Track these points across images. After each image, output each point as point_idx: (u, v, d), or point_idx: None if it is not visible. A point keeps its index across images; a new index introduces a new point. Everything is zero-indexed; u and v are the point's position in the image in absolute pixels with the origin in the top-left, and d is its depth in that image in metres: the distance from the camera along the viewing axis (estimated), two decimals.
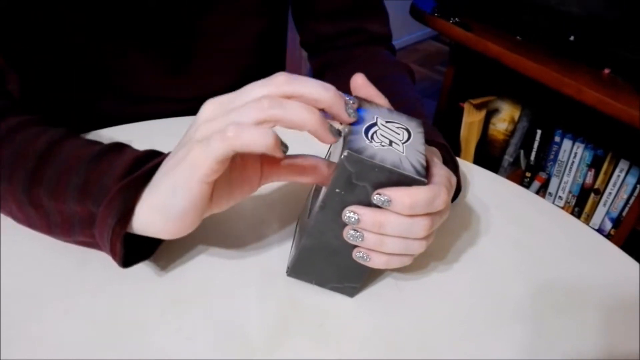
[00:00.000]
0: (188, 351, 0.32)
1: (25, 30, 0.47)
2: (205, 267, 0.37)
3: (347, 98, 0.31)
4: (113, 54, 0.50)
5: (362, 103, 0.34)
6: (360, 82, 0.34)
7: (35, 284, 0.34)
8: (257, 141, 0.27)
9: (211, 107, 0.30)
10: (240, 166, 0.33)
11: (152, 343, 0.32)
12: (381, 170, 0.29)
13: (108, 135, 0.48)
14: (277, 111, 0.28)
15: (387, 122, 0.33)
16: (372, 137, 0.31)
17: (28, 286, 0.34)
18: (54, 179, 0.33)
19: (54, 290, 0.34)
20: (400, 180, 0.30)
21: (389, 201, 0.30)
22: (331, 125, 0.30)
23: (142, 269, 0.36)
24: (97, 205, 0.32)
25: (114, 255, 0.32)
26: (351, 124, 0.31)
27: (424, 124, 0.35)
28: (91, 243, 0.34)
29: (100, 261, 0.36)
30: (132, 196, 0.31)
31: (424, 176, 0.30)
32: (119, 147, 0.35)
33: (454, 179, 0.35)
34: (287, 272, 0.37)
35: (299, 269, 0.36)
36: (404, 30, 2.47)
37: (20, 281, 0.35)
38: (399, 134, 0.32)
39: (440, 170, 0.34)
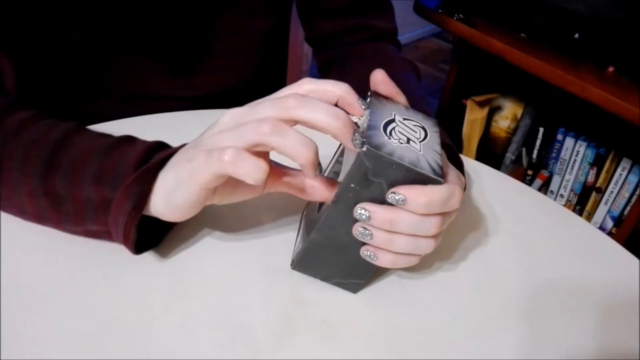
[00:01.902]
0: (190, 347, 0.32)
1: (26, 28, 0.47)
2: (208, 262, 0.37)
3: (359, 101, 0.32)
4: (115, 54, 0.50)
5: (378, 98, 0.34)
6: (380, 78, 0.34)
7: (37, 279, 0.34)
8: (250, 174, 0.28)
9: (226, 119, 0.31)
10: None
11: (155, 339, 0.32)
12: (399, 167, 0.29)
13: (107, 129, 0.47)
14: (276, 139, 0.29)
15: (404, 119, 0.33)
16: (390, 134, 0.31)
17: (29, 281, 0.34)
18: (70, 167, 0.34)
19: (55, 285, 0.34)
20: (417, 178, 0.30)
21: (404, 200, 0.30)
22: (319, 165, 0.30)
23: (145, 264, 0.36)
24: (113, 191, 0.33)
25: (126, 241, 0.33)
26: (369, 117, 0.31)
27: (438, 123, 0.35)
28: (101, 232, 0.35)
29: (103, 256, 0.36)
30: (148, 182, 0.32)
31: (441, 176, 0.30)
32: (131, 139, 0.36)
33: (463, 179, 0.35)
34: (291, 265, 0.37)
35: (304, 263, 0.36)
36: (406, 28, 2.47)
37: (21, 276, 0.34)
38: (416, 132, 0.32)
39: (452, 170, 0.34)
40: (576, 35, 1.08)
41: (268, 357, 0.32)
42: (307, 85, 0.31)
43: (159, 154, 0.34)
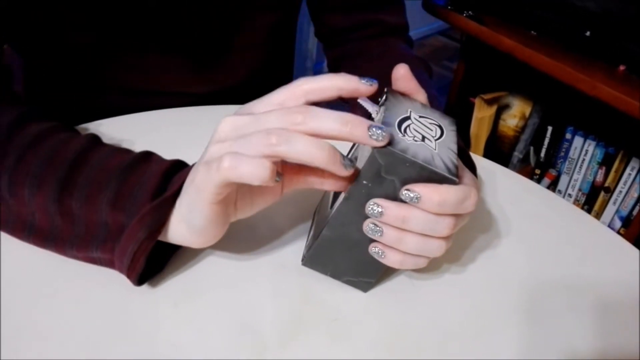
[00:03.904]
0: (199, 344, 0.32)
1: (35, 27, 0.47)
2: (218, 259, 0.37)
3: (361, 80, 0.30)
4: (126, 52, 0.50)
5: (394, 95, 0.33)
6: (402, 73, 0.34)
7: (42, 276, 0.34)
8: (253, 174, 0.27)
9: (226, 127, 0.30)
10: None
11: (163, 336, 0.32)
12: (412, 165, 0.29)
13: (116, 125, 0.47)
14: (283, 148, 0.27)
15: (420, 116, 0.32)
16: (405, 131, 0.30)
17: (34, 277, 0.34)
18: (86, 189, 0.33)
19: (62, 282, 0.34)
20: (431, 177, 0.29)
21: (419, 197, 0.29)
22: (344, 158, 0.28)
23: None
24: (130, 219, 0.32)
25: (131, 271, 0.32)
26: (384, 114, 0.31)
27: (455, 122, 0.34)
28: (103, 261, 0.34)
29: None
30: (164, 213, 0.32)
31: (456, 175, 0.30)
32: (147, 157, 0.35)
33: (477, 183, 0.34)
34: (302, 261, 0.36)
35: (315, 259, 0.35)
36: (411, 25, 2.44)
37: (26, 272, 0.34)
38: (431, 130, 0.32)
39: (467, 173, 0.33)
40: (587, 33, 1.07)
41: (277, 355, 0.32)
42: (305, 85, 0.30)
43: (175, 181, 0.33)
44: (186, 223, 0.31)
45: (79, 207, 0.33)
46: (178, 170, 0.34)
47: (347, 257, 0.34)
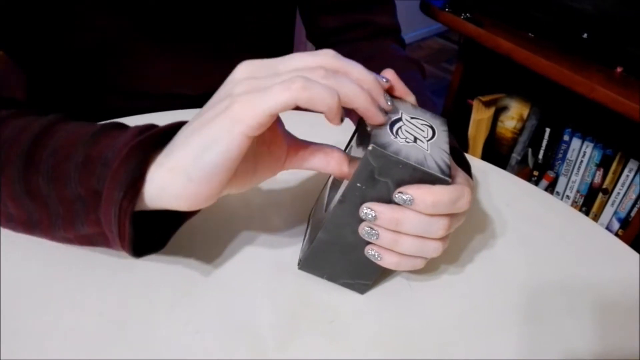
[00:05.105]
0: (196, 346, 0.32)
1: (38, 27, 0.47)
2: (215, 262, 0.37)
3: (385, 96, 0.32)
4: (122, 54, 0.50)
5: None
6: (389, 77, 0.34)
7: (40, 276, 0.34)
8: (324, 98, 0.27)
9: (250, 67, 0.29)
10: (268, 142, 0.32)
11: (161, 337, 0.32)
12: (405, 167, 0.29)
13: None
14: (332, 82, 0.28)
15: (411, 118, 0.32)
16: (397, 133, 0.30)
17: (32, 278, 0.34)
18: (51, 161, 0.30)
19: (59, 282, 0.34)
20: (424, 178, 0.29)
21: (412, 200, 0.29)
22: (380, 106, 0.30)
23: (152, 262, 0.36)
24: (102, 181, 0.28)
25: (122, 240, 0.29)
26: None
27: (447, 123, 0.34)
28: (96, 236, 0.31)
29: (109, 253, 0.35)
30: (140, 163, 0.28)
31: (448, 175, 0.30)
32: (121, 125, 0.32)
33: (471, 182, 0.34)
34: (298, 265, 0.36)
35: (311, 263, 0.35)
36: (409, 27, 2.45)
37: (26, 274, 0.34)
38: (423, 131, 0.32)
39: (460, 172, 0.33)
40: (584, 35, 1.07)
41: (275, 357, 0.32)
42: (331, 60, 0.29)
43: (156, 129, 0.29)
44: (186, 169, 0.27)
45: (46, 183, 0.30)
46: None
47: (343, 260, 0.34)
